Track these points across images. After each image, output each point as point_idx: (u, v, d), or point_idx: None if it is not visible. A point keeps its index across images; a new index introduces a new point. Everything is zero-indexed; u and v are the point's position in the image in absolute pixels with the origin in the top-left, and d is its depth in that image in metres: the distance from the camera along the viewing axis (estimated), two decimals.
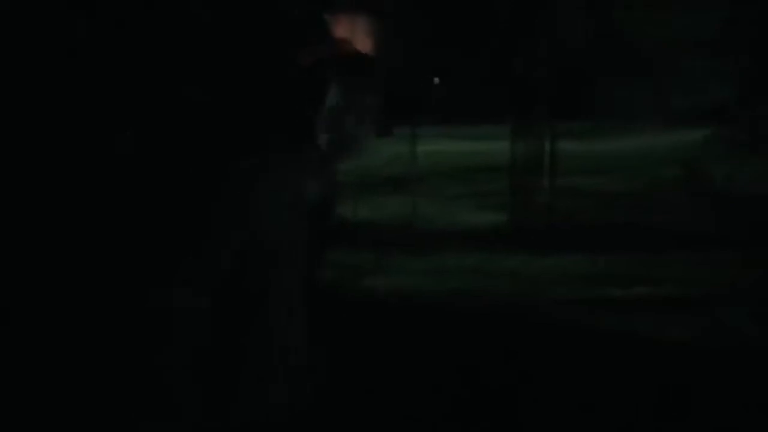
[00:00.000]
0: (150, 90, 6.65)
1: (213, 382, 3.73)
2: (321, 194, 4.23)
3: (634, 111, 22.05)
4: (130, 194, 6.04)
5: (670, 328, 9.05)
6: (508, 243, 13.71)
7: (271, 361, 3.80)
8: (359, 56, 4.11)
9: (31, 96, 7.18)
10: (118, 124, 7.09)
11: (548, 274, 11.59)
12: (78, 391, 4.51)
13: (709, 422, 6.61)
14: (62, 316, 5.46)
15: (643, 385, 7.28)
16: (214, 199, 3.97)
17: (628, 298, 10.29)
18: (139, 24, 7.06)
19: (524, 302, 10.27)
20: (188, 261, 3.88)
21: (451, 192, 18.26)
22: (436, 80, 26.92)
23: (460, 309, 9.96)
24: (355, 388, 6.89)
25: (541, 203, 15.76)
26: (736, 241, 12.82)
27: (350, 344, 7.87)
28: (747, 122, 12.88)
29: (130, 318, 3.93)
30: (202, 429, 3.81)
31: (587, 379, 7.45)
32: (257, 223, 4.04)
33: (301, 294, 3.96)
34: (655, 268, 11.77)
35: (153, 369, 3.72)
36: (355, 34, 3.85)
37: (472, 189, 18.31)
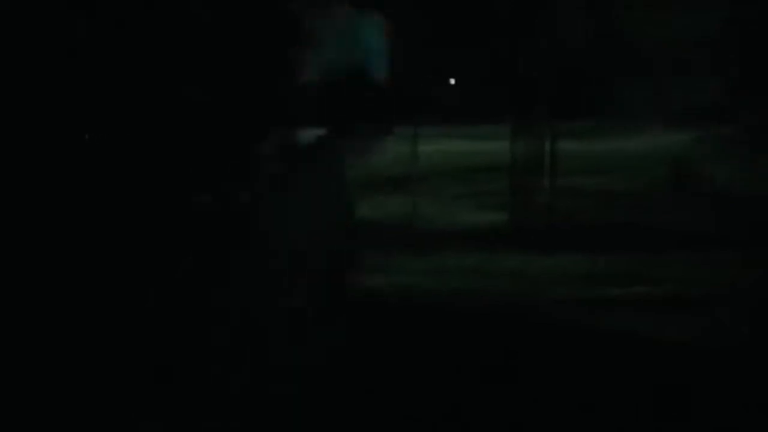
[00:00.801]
0: (152, 90, 6.67)
1: None
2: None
3: (636, 111, 22.02)
4: (132, 197, 6.09)
5: (670, 328, 9.04)
6: (508, 243, 13.70)
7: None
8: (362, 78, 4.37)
9: (31, 95, 7.12)
10: (121, 123, 7.10)
11: (548, 274, 11.59)
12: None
13: (708, 422, 6.61)
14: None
15: (642, 385, 7.27)
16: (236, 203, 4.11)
17: (627, 298, 10.28)
18: (140, 25, 7.05)
19: (524, 302, 10.26)
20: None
21: (452, 192, 18.24)
22: (452, 81, 26.90)
23: (460, 309, 9.96)
24: (355, 387, 6.90)
25: (541, 203, 15.76)
26: (730, 240, 12.82)
27: (350, 344, 7.86)
28: (748, 122, 12.85)
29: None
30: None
31: (587, 379, 7.44)
32: (281, 226, 4.14)
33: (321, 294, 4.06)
34: (654, 268, 11.76)
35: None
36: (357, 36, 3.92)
37: (473, 189, 18.28)
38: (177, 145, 8.03)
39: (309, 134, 4.95)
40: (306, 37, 8.03)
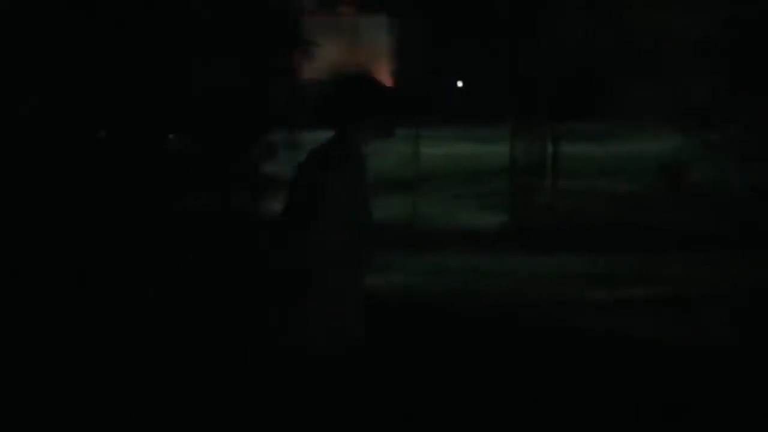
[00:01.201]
0: (147, 91, 6.62)
1: None
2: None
3: (638, 112, 21.94)
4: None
5: (668, 328, 9.02)
6: (508, 243, 13.67)
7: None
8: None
9: (21, 94, 7.10)
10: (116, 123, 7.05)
11: (547, 274, 11.56)
12: None
13: (706, 421, 6.61)
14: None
15: (639, 385, 7.27)
16: None
17: (626, 298, 10.26)
18: (137, 26, 7.01)
19: (522, 302, 10.23)
20: None
21: (453, 192, 18.22)
22: (459, 83, 26.84)
23: (457, 309, 9.94)
24: (354, 388, 6.89)
25: (542, 204, 15.74)
26: (728, 240, 12.78)
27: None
28: (748, 123, 12.80)
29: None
30: None
31: (585, 380, 7.43)
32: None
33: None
34: (653, 268, 11.74)
35: None
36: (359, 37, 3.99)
37: (474, 190, 18.26)
38: (172, 146, 8.04)
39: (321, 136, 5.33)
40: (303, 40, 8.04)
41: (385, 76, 24.63)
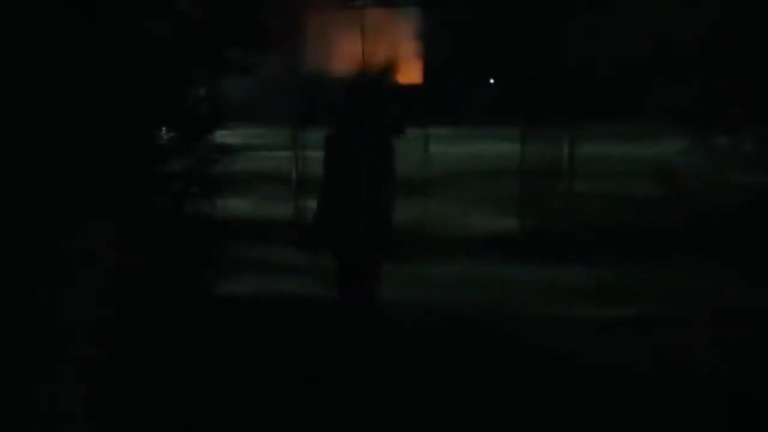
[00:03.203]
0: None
1: None
2: None
3: (663, 114, 21.67)
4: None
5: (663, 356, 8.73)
6: (519, 252, 13.34)
7: None
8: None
9: (31, 93, 6.94)
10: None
11: (552, 287, 11.26)
12: None
13: None
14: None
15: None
16: None
17: (628, 318, 9.94)
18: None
19: (516, 320, 9.97)
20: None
21: (465, 196, 17.91)
22: (491, 81, 26.77)
23: (445, 322, 9.74)
24: (352, 398, 6.78)
25: (557, 208, 15.38)
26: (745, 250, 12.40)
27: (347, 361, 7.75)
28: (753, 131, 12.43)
29: None
30: None
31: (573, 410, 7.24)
32: None
33: None
34: (662, 281, 11.42)
35: None
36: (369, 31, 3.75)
37: (494, 192, 17.95)
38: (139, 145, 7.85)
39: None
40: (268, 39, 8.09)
41: (411, 71, 24.46)
